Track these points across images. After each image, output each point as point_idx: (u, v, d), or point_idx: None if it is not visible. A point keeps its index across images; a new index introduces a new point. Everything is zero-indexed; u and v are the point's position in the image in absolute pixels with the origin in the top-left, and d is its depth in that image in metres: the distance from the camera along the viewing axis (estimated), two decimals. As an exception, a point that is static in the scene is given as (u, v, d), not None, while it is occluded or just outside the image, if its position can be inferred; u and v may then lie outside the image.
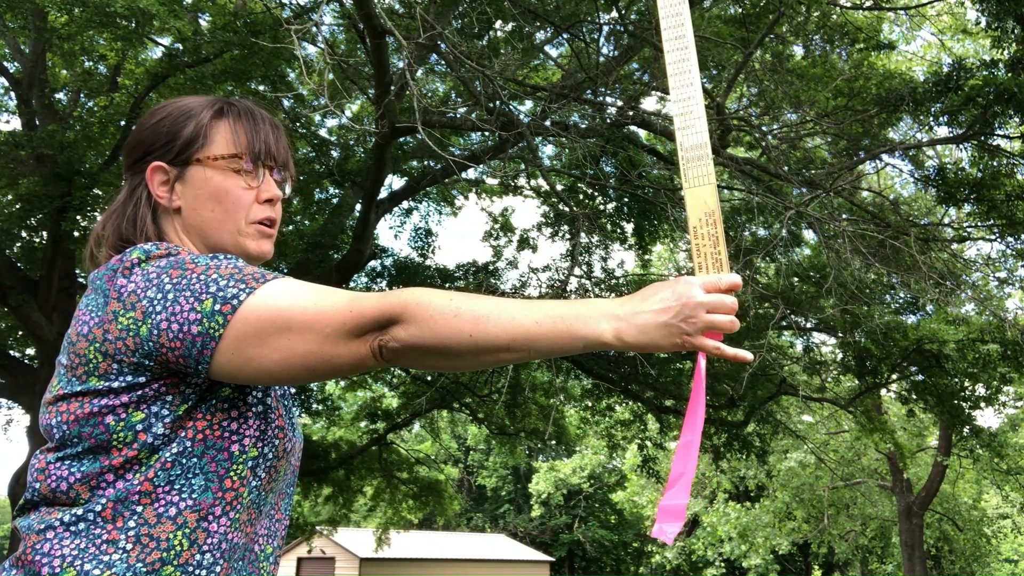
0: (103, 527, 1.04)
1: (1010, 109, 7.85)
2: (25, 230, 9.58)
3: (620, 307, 1.05)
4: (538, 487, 39.09)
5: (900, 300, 11.56)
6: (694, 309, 1.04)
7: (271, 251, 1.27)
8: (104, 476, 1.06)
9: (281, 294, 1.04)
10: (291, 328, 1.03)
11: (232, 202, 1.22)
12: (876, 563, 27.66)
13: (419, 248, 11.94)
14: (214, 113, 1.25)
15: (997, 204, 8.92)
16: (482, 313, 1.02)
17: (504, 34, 8.86)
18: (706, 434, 12.29)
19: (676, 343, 1.04)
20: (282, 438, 1.17)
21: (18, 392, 10.05)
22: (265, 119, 1.27)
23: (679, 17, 1.18)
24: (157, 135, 1.24)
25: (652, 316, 1.04)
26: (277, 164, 1.27)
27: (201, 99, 1.27)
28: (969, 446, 13.36)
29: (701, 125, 1.15)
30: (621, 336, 1.03)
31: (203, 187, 1.22)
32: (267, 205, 1.25)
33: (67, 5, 6.94)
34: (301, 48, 5.28)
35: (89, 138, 8.54)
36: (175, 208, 1.23)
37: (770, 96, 8.78)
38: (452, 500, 17.58)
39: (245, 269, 1.07)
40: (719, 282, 1.08)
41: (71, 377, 1.09)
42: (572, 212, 8.89)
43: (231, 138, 1.23)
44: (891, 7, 10.05)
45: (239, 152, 1.23)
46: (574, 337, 1.03)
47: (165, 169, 1.22)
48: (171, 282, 1.05)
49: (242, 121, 1.25)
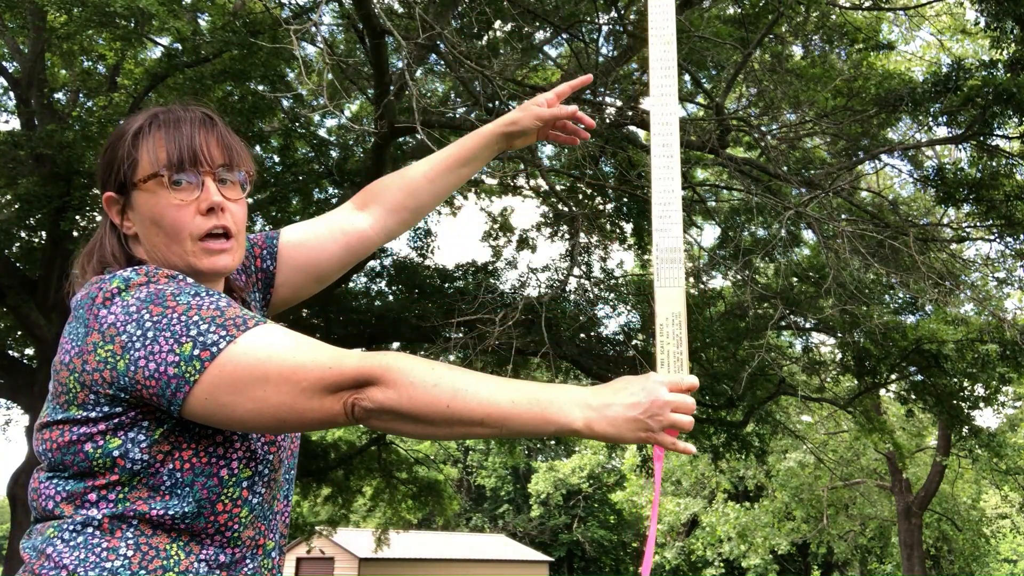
0: (102, 537, 1.06)
1: (1009, 109, 7.85)
2: (24, 230, 9.57)
3: (593, 397, 1.08)
4: (537, 487, 39.11)
5: (899, 300, 11.56)
6: (661, 408, 1.09)
7: (231, 263, 1.21)
8: (87, 496, 1.08)
9: (262, 345, 1.03)
10: (268, 380, 1.02)
11: (170, 223, 1.17)
12: (875, 563, 27.67)
13: (418, 248, 11.93)
14: (135, 133, 1.19)
15: (996, 204, 8.92)
16: (461, 387, 1.03)
17: (503, 34, 8.86)
18: (705, 434, 12.29)
19: (641, 437, 1.09)
20: (275, 451, 1.16)
21: (17, 392, 10.04)
22: (192, 121, 1.20)
23: (669, 127, 1.29)
24: (104, 165, 1.22)
25: (622, 410, 1.08)
26: (214, 166, 1.19)
27: (135, 118, 1.22)
28: (968, 446, 13.37)
29: (677, 230, 1.23)
30: (591, 426, 1.07)
31: (143, 212, 1.18)
32: (211, 215, 1.18)
33: (66, 5, 6.94)
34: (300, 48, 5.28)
35: (88, 138, 8.53)
36: (133, 235, 1.21)
37: (769, 96, 8.78)
38: (451, 500, 17.59)
39: (228, 311, 1.05)
40: (681, 383, 1.12)
41: (55, 405, 1.10)
42: (571, 212, 8.89)
43: (150, 156, 1.17)
44: (890, 7, 10.06)
45: (158, 169, 1.16)
46: (547, 422, 1.06)
47: (115, 198, 1.20)
48: (151, 319, 1.04)
49: (160, 132, 1.18)
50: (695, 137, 8.37)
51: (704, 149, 8.29)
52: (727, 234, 10.66)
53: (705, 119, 8.91)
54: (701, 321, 10.22)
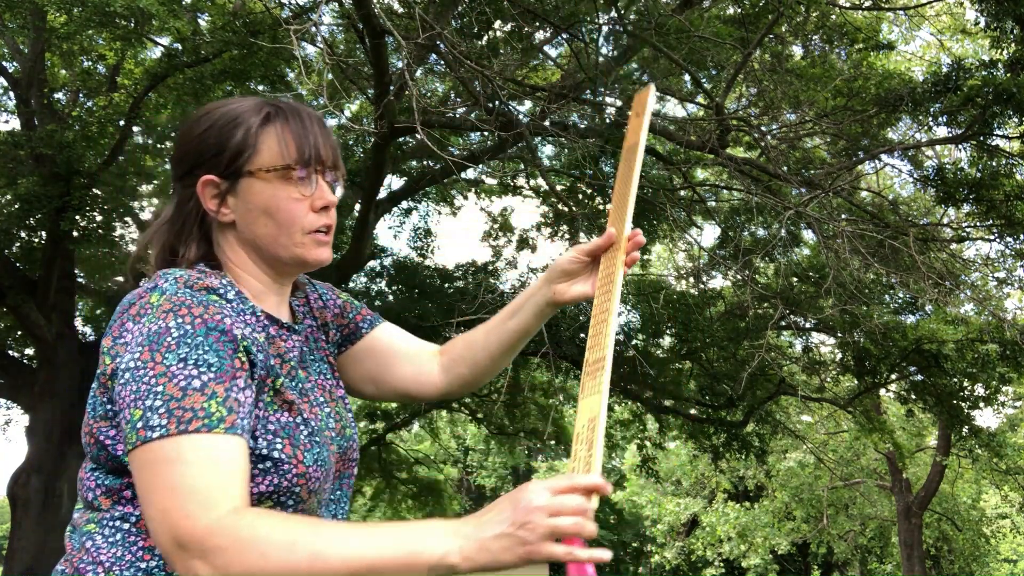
0: (138, 535, 1.07)
1: (1009, 109, 7.85)
2: (24, 230, 9.57)
3: (464, 524, 0.96)
4: (537, 487, 39.08)
5: (899, 300, 11.56)
6: (530, 514, 0.92)
7: (329, 257, 1.22)
8: (123, 492, 1.09)
9: (176, 459, 0.96)
10: (154, 491, 0.97)
11: (285, 216, 1.17)
12: (875, 563, 27.67)
13: (418, 248, 11.94)
14: (262, 120, 1.18)
15: (996, 204, 8.91)
16: (320, 548, 0.93)
17: (503, 34, 8.85)
18: (705, 434, 12.30)
19: (520, 554, 0.93)
20: (303, 484, 1.11)
21: (17, 392, 10.04)
22: (313, 119, 1.21)
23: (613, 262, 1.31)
24: (204, 146, 1.18)
25: (491, 528, 0.94)
26: (327, 167, 1.21)
27: (247, 103, 1.21)
28: (968, 446, 13.36)
29: (609, 342, 1.17)
30: (466, 555, 0.94)
31: (255, 201, 1.17)
32: (322, 213, 1.20)
33: (66, 5, 6.94)
34: (300, 48, 5.28)
35: (88, 138, 8.54)
36: (228, 222, 1.19)
37: (769, 96, 8.78)
38: (451, 500, 17.60)
39: (188, 398, 0.99)
40: (572, 483, 0.95)
41: (95, 395, 1.12)
42: (571, 212, 8.89)
43: (280, 147, 1.17)
44: (890, 7, 10.06)
45: (290, 162, 1.16)
46: (418, 562, 0.93)
47: (216, 183, 1.18)
48: (138, 363, 1.02)
49: (290, 126, 1.18)
50: (695, 137, 8.37)
51: (704, 149, 8.29)
52: (727, 234, 10.66)
53: (705, 119, 8.91)
54: (701, 321, 10.23)
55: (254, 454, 1.07)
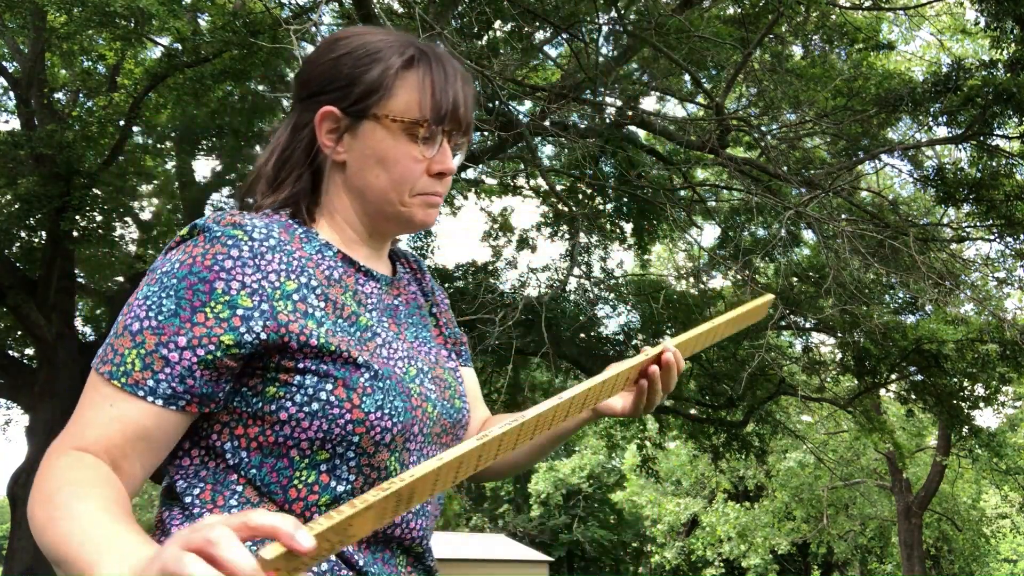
0: (203, 508, 0.99)
1: (1009, 109, 7.86)
2: (24, 230, 9.58)
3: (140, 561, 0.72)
4: (537, 487, 39.11)
5: (899, 300, 11.57)
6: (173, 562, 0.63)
7: (434, 221, 1.11)
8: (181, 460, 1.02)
9: (86, 391, 0.95)
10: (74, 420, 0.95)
11: (400, 172, 1.07)
12: (875, 563, 27.67)
13: (418, 248, 11.93)
14: (404, 62, 1.07)
15: (996, 204, 8.92)
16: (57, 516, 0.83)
17: (503, 34, 8.86)
18: (705, 434, 12.30)
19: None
20: (362, 432, 0.98)
21: (17, 392, 10.04)
22: (458, 73, 1.10)
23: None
24: (336, 75, 1.08)
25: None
26: (459, 130, 1.11)
27: (392, 37, 1.10)
28: (968, 446, 13.38)
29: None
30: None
31: (373, 147, 1.07)
32: (437, 179, 1.10)
33: (66, 5, 6.94)
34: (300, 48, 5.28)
35: (88, 138, 8.54)
36: (340, 161, 1.10)
37: (769, 96, 8.78)
38: (451, 500, 17.59)
39: (120, 339, 0.94)
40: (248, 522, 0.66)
41: None
42: (571, 212, 8.89)
43: (416, 97, 1.06)
44: (890, 7, 10.06)
45: (420, 119, 1.06)
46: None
47: (337, 116, 1.08)
48: (140, 295, 0.97)
49: (432, 76, 1.07)
50: (695, 137, 8.38)
51: (704, 149, 8.29)
52: (727, 234, 10.66)
53: (705, 119, 8.91)
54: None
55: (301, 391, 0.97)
